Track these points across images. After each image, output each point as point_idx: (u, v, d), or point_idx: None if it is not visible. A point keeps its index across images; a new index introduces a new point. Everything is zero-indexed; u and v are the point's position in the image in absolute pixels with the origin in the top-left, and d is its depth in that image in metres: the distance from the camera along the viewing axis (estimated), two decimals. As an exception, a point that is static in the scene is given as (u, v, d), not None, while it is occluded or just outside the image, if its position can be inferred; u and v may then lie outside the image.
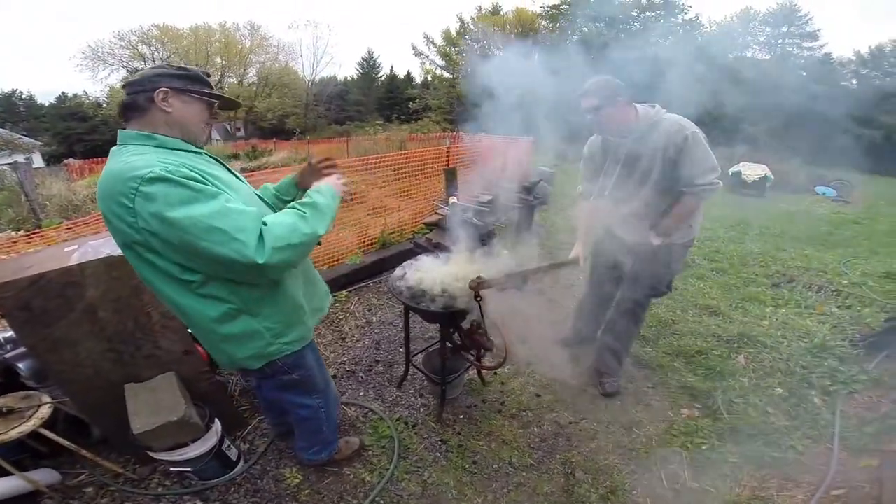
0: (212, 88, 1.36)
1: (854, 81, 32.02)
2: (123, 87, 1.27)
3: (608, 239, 2.48)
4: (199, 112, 1.33)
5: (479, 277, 1.90)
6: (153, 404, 1.76)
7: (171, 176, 1.07)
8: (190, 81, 1.28)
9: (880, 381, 2.57)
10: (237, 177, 1.48)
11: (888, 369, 2.66)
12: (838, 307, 3.68)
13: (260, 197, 1.56)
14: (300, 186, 1.74)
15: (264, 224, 1.17)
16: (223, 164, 1.47)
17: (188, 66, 1.32)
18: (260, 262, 1.12)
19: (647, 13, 26.48)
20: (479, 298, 1.97)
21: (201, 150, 1.38)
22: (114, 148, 1.23)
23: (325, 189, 1.45)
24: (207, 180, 1.16)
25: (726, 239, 5.82)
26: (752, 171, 10.98)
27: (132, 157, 1.13)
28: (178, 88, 1.25)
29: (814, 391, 2.56)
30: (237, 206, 1.14)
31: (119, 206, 1.09)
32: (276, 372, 1.55)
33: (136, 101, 1.23)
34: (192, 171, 1.14)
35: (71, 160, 18.26)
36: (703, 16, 32.24)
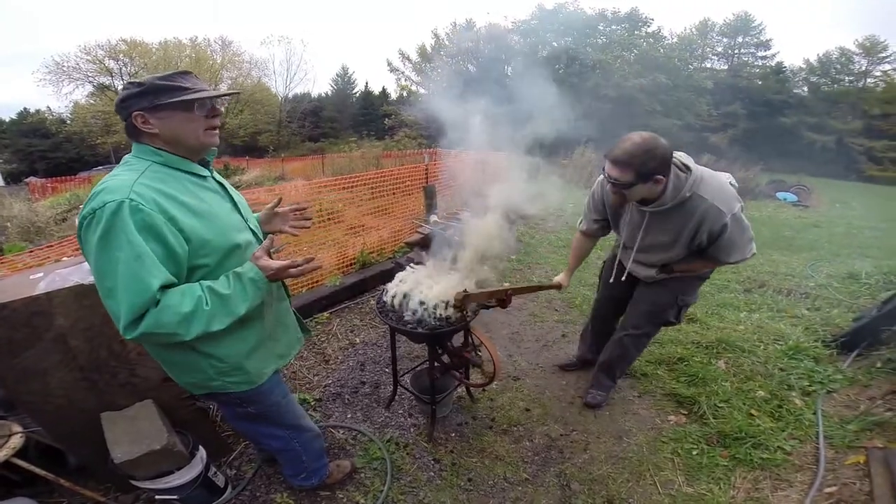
0: (185, 91, 1.16)
1: (805, 89, 33.97)
2: None
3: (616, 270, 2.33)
4: (184, 122, 1.18)
5: (464, 291, 1.89)
6: (133, 433, 1.68)
7: (125, 213, 1.05)
8: (154, 96, 1.13)
9: (855, 379, 2.67)
10: (235, 205, 1.40)
11: (861, 367, 2.77)
12: (808, 309, 3.83)
13: (253, 231, 1.44)
14: (265, 229, 1.64)
15: (156, 304, 1.08)
16: (225, 190, 1.40)
17: (142, 79, 1.14)
18: (126, 337, 1.09)
19: (613, 27, 27.53)
20: (465, 312, 1.97)
21: (206, 174, 1.32)
22: (126, 156, 1.23)
23: (252, 275, 1.22)
24: (174, 221, 1.12)
25: (699, 246, 5.98)
26: (718, 179, 11.41)
27: (123, 173, 1.15)
28: (147, 107, 1.14)
29: (794, 392, 2.63)
30: (146, 280, 1.06)
31: (82, 217, 1.09)
32: (228, 402, 1.48)
33: (128, 127, 1.19)
34: (162, 209, 1.11)
35: (32, 179, 17.57)
36: (664, 28, 33.72)
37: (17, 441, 1.76)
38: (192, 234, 1.16)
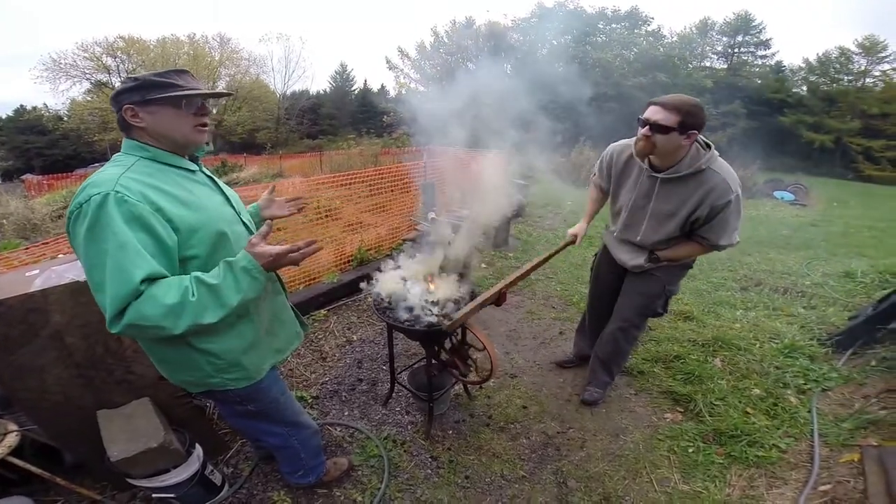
0: (177, 87, 1.18)
1: (804, 88, 33.98)
2: None
3: (607, 259, 2.44)
4: (173, 118, 1.20)
5: (448, 319, 1.88)
6: (130, 431, 1.68)
7: (110, 205, 1.05)
8: (146, 91, 1.16)
9: (850, 377, 2.68)
10: (227, 198, 1.41)
11: (856, 366, 2.78)
12: (804, 308, 3.85)
13: (246, 225, 1.45)
14: (264, 217, 1.68)
15: (137, 297, 1.05)
16: (214, 183, 1.42)
17: (138, 75, 1.17)
18: (112, 330, 1.08)
19: (613, 25, 27.53)
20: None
21: (195, 168, 1.33)
22: (115, 154, 1.23)
23: (244, 264, 1.16)
24: (161, 211, 1.12)
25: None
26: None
27: (110, 168, 1.16)
28: (138, 101, 1.16)
29: (789, 390, 2.65)
30: (129, 270, 1.04)
31: (69, 212, 1.10)
32: (227, 400, 1.47)
33: (119, 120, 1.21)
34: (149, 200, 1.10)
35: (29, 176, 17.50)
36: (664, 27, 33.69)
37: (12, 439, 1.76)
38: (180, 224, 1.15)
